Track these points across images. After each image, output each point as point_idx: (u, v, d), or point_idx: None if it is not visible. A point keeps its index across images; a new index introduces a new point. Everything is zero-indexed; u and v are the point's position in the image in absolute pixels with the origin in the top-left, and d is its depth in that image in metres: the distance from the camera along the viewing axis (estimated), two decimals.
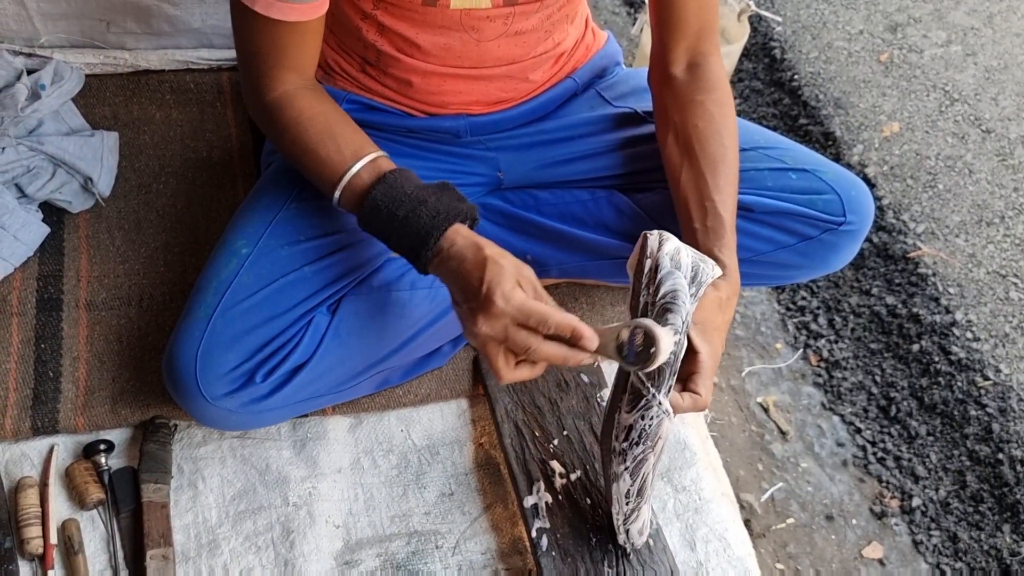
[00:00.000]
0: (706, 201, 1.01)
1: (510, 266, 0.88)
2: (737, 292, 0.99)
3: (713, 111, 1.06)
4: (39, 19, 1.40)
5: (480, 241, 0.91)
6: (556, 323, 0.85)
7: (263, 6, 0.93)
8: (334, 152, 0.97)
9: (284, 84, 1.01)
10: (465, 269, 0.89)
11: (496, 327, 0.86)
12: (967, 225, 2.06)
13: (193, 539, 1.04)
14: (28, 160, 1.25)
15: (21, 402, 1.10)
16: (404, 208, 0.92)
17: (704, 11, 1.07)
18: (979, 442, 1.70)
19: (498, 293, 0.85)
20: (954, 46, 2.50)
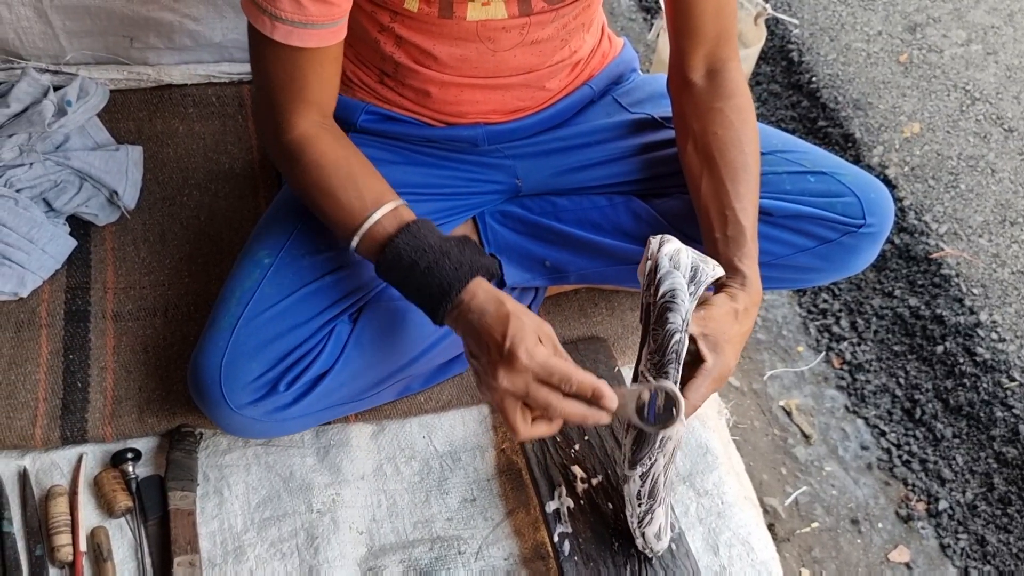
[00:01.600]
0: (726, 210, 1.01)
1: (532, 322, 0.87)
2: (758, 303, 0.98)
3: (732, 118, 1.05)
4: (64, 37, 1.42)
5: (502, 296, 0.90)
6: (578, 382, 0.85)
7: (282, 34, 0.93)
8: (355, 198, 0.97)
9: (304, 122, 1.00)
10: (486, 323, 0.88)
11: (517, 383, 0.85)
12: (990, 225, 2.04)
13: (219, 546, 1.06)
14: (55, 175, 1.27)
15: (51, 412, 1.12)
16: (427, 259, 0.92)
17: (721, 17, 1.07)
18: (1006, 444, 1.68)
19: (522, 348, 0.84)
20: (974, 45, 2.48)
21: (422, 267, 0.92)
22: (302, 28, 0.92)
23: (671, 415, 0.87)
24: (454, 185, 1.19)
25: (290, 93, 0.98)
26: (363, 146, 1.15)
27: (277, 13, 0.91)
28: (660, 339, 0.93)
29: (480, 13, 1.01)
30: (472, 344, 0.90)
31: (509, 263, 1.21)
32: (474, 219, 1.23)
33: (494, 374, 0.86)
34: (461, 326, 0.91)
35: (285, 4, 0.90)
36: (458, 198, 1.19)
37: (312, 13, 0.91)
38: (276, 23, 0.92)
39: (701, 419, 1.22)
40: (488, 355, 0.87)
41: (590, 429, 1.15)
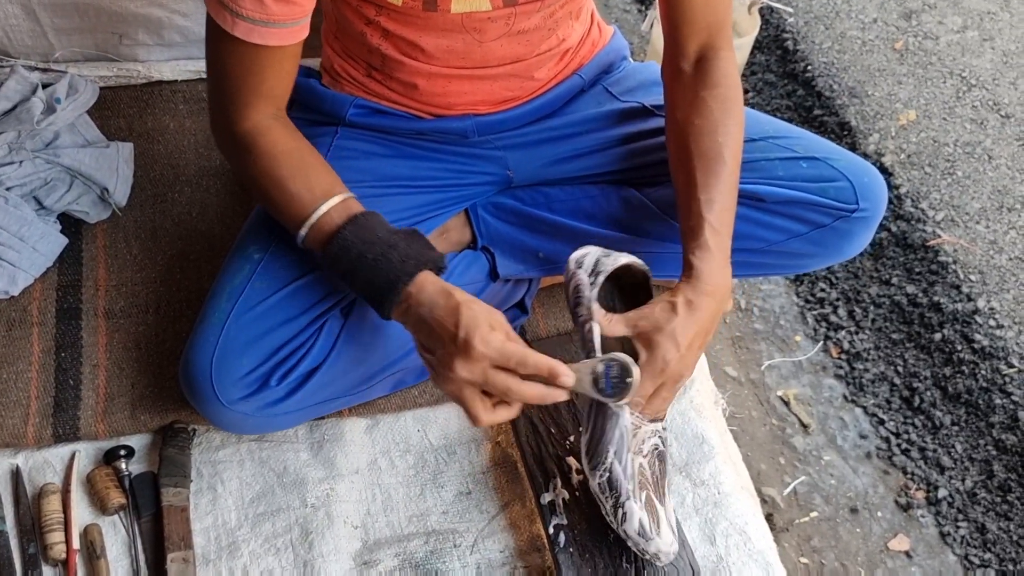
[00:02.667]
0: (692, 200, 1.00)
1: (483, 311, 0.88)
2: (714, 294, 0.95)
3: (713, 107, 1.03)
4: (53, 34, 1.42)
5: (450, 287, 0.91)
6: (534, 363, 0.86)
7: (243, 31, 0.92)
8: (304, 189, 0.97)
9: (257, 114, 1.00)
10: (438, 315, 0.88)
11: (475, 371, 0.86)
12: (987, 211, 2.03)
13: (213, 542, 1.06)
14: (45, 173, 1.27)
15: (43, 410, 1.12)
16: (374, 250, 0.92)
17: (713, 7, 1.05)
18: (1005, 431, 1.67)
19: (476, 337, 0.85)
20: (970, 31, 2.47)
21: (369, 259, 0.92)
22: (263, 26, 0.91)
23: (625, 383, 0.88)
24: (445, 177, 1.18)
25: (246, 87, 0.98)
26: (352, 140, 1.15)
27: (239, 10, 0.90)
28: (580, 335, 0.99)
29: (464, 5, 1.00)
30: (423, 338, 0.91)
31: (502, 255, 1.20)
32: (466, 211, 1.22)
33: (451, 365, 0.86)
34: (411, 320, 0.91)
35: (247, 2, 0.89)
36: (449, 190, 1.19)
37: (274, 12, 0.91)
38: (237, 20, 0.91)
39: (697, 409, 1.22)
40: (443, 347, 0.88)
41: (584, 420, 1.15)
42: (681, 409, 1.21)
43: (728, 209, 1.00)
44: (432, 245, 0.96)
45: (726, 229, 0.99)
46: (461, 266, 1.17)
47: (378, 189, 1.14)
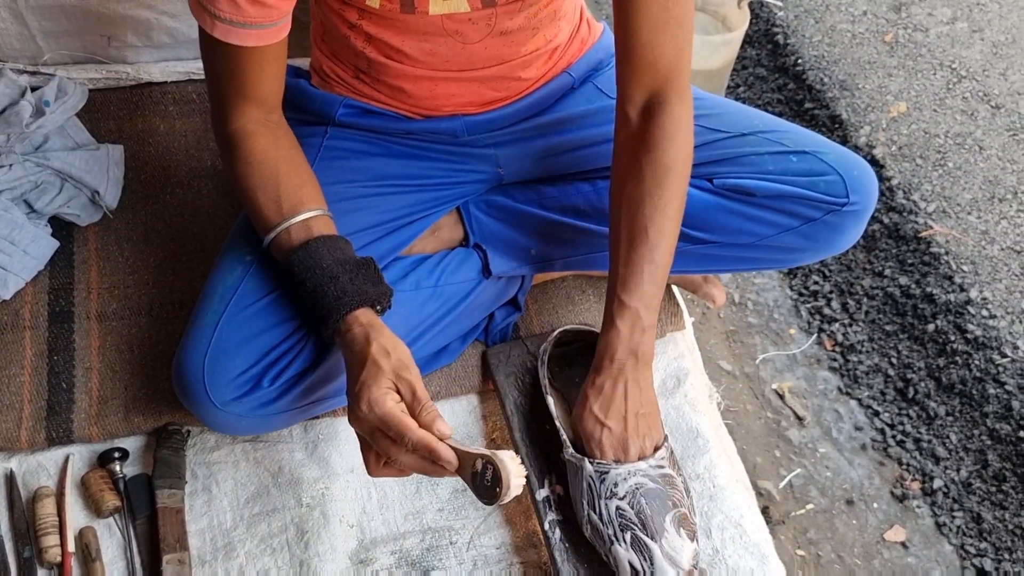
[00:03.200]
0: (612, 271, 1.01)
1: (388, 368, 0.88)
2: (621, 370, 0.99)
3: (646, 174, 0.99)
4: (41, 37, 1.41)
5: (372, 333, 0.91)
6: (414, 441, 0.84)
7: (222, 32, 0.93)
8: (271, 202, 0.99)
9: (244, 116, 1.01)
10: (349, 360, 0.91)
11: (363, 428, 0.88)
12: (979, 202, 2.04)
13: (209, 543, 1.05)
14: (35, 176, 1.26)
15: (36, 413, 1.12)
16: (313, 281, 0.94)
17: (661, 46, 0.98)
18: (999, 420, 1.68)
19: (364, 398, 0.86)
20: (960, 23, 2.47)
21: (308, 289, 0.94)
22: (240, 28, 0.93)
23: (495, 492, 0.83)
24: (436, 176, 1.18)
25: (230, 88, 1.00)
26: (343, 139, 1.15)
27: (216, 12, 0.92)
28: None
29: (442, 7, 1.00)
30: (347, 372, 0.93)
31: (495, 252, 1.20)
32: (458, 209, 1.22)
33: (351, 411, 0.89)
34: (342, 352, 0.94)
35: (223, 4, 0.91)
36: (441, 189, 1.19)
37: (250, 14, 0.92)
38: (216, 21, 0.93)
39: (692, 403, 1.22)
40: (350, 390, 0.90)
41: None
42: (676, 404, 1.21)
43: (644, 283, 0.99)
44: (381, 279, 0.98)
45: (641, 302, 0.99)
46: (453, 264, 1.17)
47: (370, 188, 1.14)
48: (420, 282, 1.14)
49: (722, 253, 1.16)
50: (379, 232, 1.11)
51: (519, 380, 1.19)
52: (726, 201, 1.11)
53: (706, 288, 1.36)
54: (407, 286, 1.12)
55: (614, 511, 0.97)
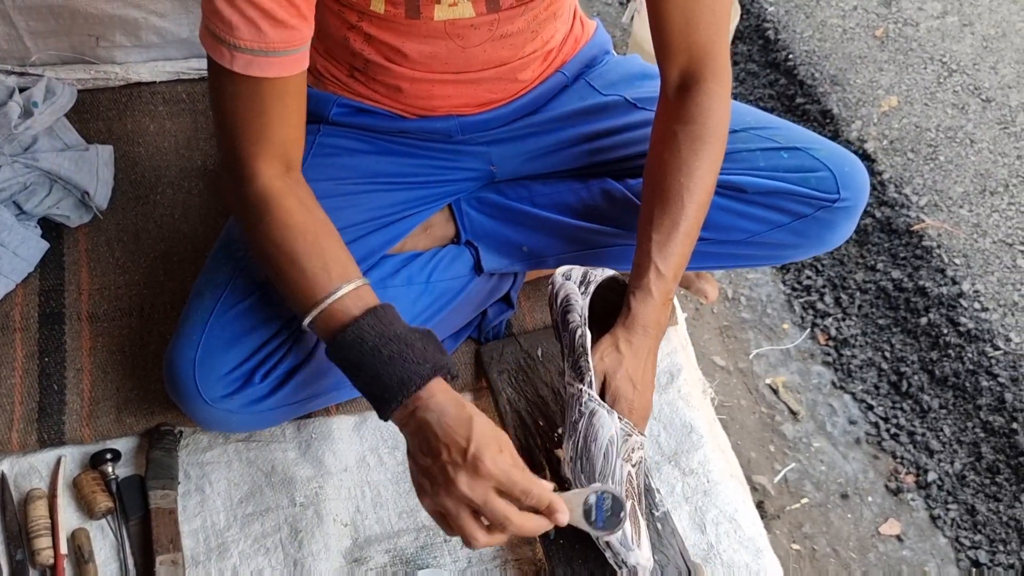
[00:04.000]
0: (644, 238, 1.00)
1: (493, 429, 0.84)
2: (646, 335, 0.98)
3: (682, 144, 1.00)
4: (29, 37, 1.41)
5: (461, 398, 0.86)
6: (538, 496, 0.82)
7: (242, 64, 0.86)
8: (320, 269, 0.90)
9: (269, 170, 0.93)
10: (447, 424, 0.83)
11: (477, 491, 0.81)
12: (970, 195, 2.04)
13: (202, 543, 1.05)
14: (24, 177, 1.26)
15: (27, 415, 1.11)
16: (390, 348, 0.86)
17: (694, 31, 1.00)
18: (992, 413, 1.68)
19: (487, 454, 0.80)
20: (950, 17, 2.48)
21: (384, 356, 0.86)
22: (263, 56, 0.86)
23: (618, 518, 0.89)
24: (428, 173, 1.18)
25: (252, 132, 0.91)
26: (335, 137, 1.15)
27: (236, 42, 0.85)
28: (569, 340, 1.00)
29: (447, 13, 1.00)
30: (423, 445, 0.85)
31: (487, 249, 1.20)
32: (450, 206, 1.22)
33: (453, 479, 0.81)
34: (413, 424, 0.85)
35: (244, 32, 0.85)
36: (433, 186, 1.18)
37: (272, 39, 0.86)
38: (235, 53, 0.86)
39: (685, 398, 1.22)
40: (448, 458, 0.82)
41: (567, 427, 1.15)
42: (669, 399, 1.21)
43: (677, 253, 0.99)
44: (444, 349, 0.91)
45: (672, 272, 0.99)
46: (445, 261, 1.17)
47: (361, 185, 1.13)
48: (412, 278, 1.14)
49: (714, 250, 1.16)
50: (370, 227, 1.11)
51: (512, 377, 1.19)
52: (717, 198, 1.11)
53: (699, 284, 1.36)
54: (398, 282, 1.12)
55: (625, 475, 0.96)
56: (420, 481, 0.86)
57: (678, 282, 1.01)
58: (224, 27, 0.85)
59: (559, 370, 1.20)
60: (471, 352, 1.23)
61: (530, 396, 1.16)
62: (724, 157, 1.12)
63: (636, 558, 0.94)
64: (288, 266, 0.91)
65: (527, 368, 1.20)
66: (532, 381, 1.18)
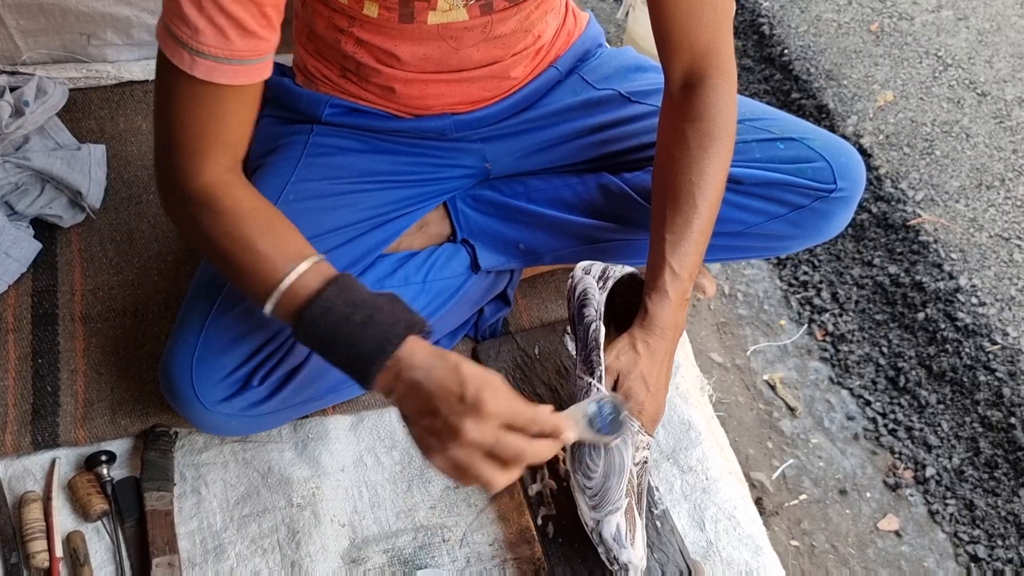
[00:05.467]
0: (658, 238, 0.99)
1: (483, 369, 0.82)
2: (663, 338, 0.98)
3: (691, 142, 1.00)
4: (19, 36, 1.40)
5: (442, 350, 0.83)
6: (542, 422, 0.80)
7: (204, 70, 0.82)
8: (275, 249, 0.87)
9: (215, 166, 0.89)
10: (436, 376, 0.80)
11: (486, 431, 0.78)
12: (967, 190, 2.04)
13: (199, 545, 1.04)
14: (16, 177, 1.25)
15: (21, 417, 1.10)
16: (360, 312, 0.83)
17: (697, 27, 0.99)
18: (990, 407, 1.68)
19: (487, 392, 0.78)
20: (945, 11, 2.47)
21: (356, 321, 0.83)
22: (226, 64, 0.83)
23: (620, 421, 0.89)
24: (423, 171, 1.17)
25: (205, 135, 0.88)
26: (329, 136, 1.14)
27: (199, 48, 0.81)
28: (583, 334, 1.00)
29: (441, 17, 0.99)
30: (419, 403, 0.82)
31: (483, 247, 1.20)
32: (445, 204, 1.21)
33: (459, 428, 0.78)
34: (401, 386, 0.83)
35: (209, 38, 0.81)
36: (428, 184, 1.18)
37: (239, 48, 0.83)
38: (197, 58, 0.82)
39: (683, 395, 1.22)
40: (449, 409, 0.79)
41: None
42: (667, 396, 1.20)
43: (691, 252, 0.99)
44: (413, 310, 0.88)
45: (687, 271, 0.98)
46: (441, 259, 1.16)
47: (356, 184, 1.13)
48: (408, 278, 1.13)
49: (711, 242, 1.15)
50: (365, 227, 1.10)
51: (510, 376, 1.18)
52: None
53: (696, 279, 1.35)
54: (395, 282, 1.12)
55: (628, 467, 0.96)
56: (427, 441, 0.82)
57: (694, 282, 1.00)
58: (188, 31, 0.81)
59: (556, 368, 1.19)
60: (468, 351, 1.22)
61: (528, 394, 1.16)
62: None
63: (628, 556, 0.93)
64: (241, 252, 0.88)
65: (524, 366, 1.19)
66: (529, 379, 1.18)
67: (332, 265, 0.89)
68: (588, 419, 0.89)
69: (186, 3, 0.80)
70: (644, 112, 1.16)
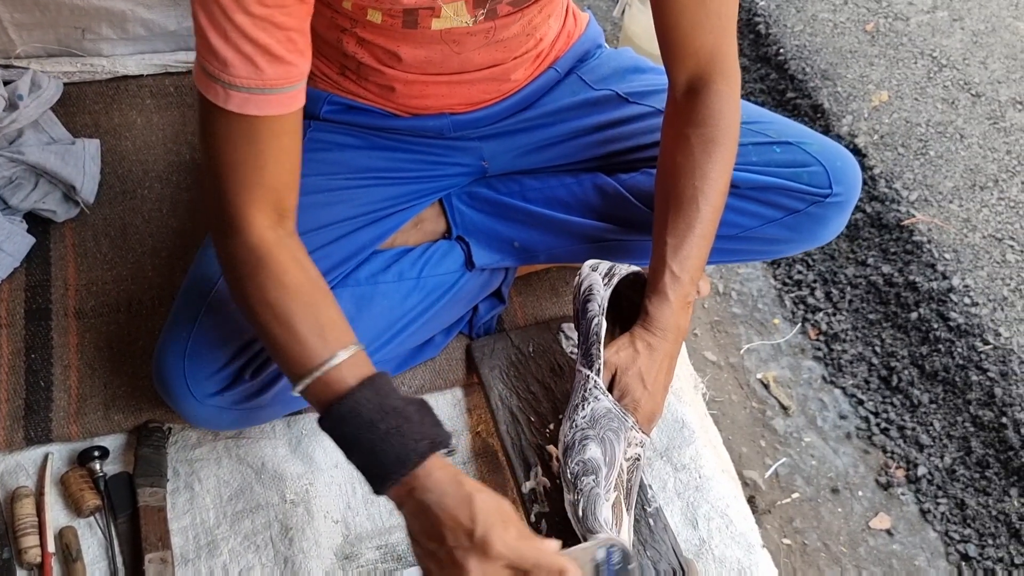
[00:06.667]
0: (660, 241, 1.00)
1: (495, 503, 0.80)
2: (664, 339, 0.98)
3: (695, 147, 1.00)
4: (13, 30, 1.39)
5: (460, 474, 0.82)
6: (547, 567, 0.78)
7: (237, 104, 0.81)
8: (315, 334, 0.84)
9: (264, 219, 0.87)
10: (448, 505, 0.79)
11: (489, 572, 0.77)
12: (960, 190, 2.05)
13: (192, 541, 1.04)
14: (10, 171, 1.24)
15: (13, 413, 1.10)
16: (388, 422, 0.81)
17: (702, 33, 0.99)
18: (982, 407, 1.69)
19: (495, 534, 0.77)
20: (940, 11, 2.48)
21: (382, 430, 0.81)
22: (259, 94, 0.82)
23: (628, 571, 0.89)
24: (420, 169, 1.17)
25: (246, 176, 0.85)
26: (326, 132, 1.14)
27: (231, 80, 0.81)
28: (584, 328, 1.00)
29: (446, 23, 0.99)
30: (426, 529, 0.81)
31: (478, 244, 1.20)
32: (441, 201, 1.21)
33: (463, 563, 0.77)
34: (412, 505, 0.81)
35: (239, 69, 0.80)
36: (424, 181, 1.18)
37: (269, 76, 0.81)
38: (230, 91, 0.81)
39: (677, 394, 1.22)
40: (456, 542, 0.78)
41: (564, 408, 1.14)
42: None
43: (693, 256, 0.99)
44: (439, 421, 0.86)
45: (688, 275, 0.99)
46: (436, 256, 1.16)
47: (351, 180, 1.12)
48: (403, 274, 1.13)
49: None
50: (360, 223, 1.10)
51: (504, 373, 1.18)
52: None
53: None
54: (389, 278, 1.11)
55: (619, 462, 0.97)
56: (427, 565, 0.82)
57: (696, 285, 1.00)
58: (218, 64, 0.80)
59: (550, 366, 1.19)
60: (462, 347, 1.22)
61: (521, 392, 1.16)
62: None
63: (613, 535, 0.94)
64: (280, 328, 0.85)
65: (518, 364, 1.19)
66: (524, 377, 1.18)
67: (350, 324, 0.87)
68: (595, 564, 0.88)
69: (212, 35, 0.79)
70: (641, 113, 1.16)
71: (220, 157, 0.85)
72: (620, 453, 0.95)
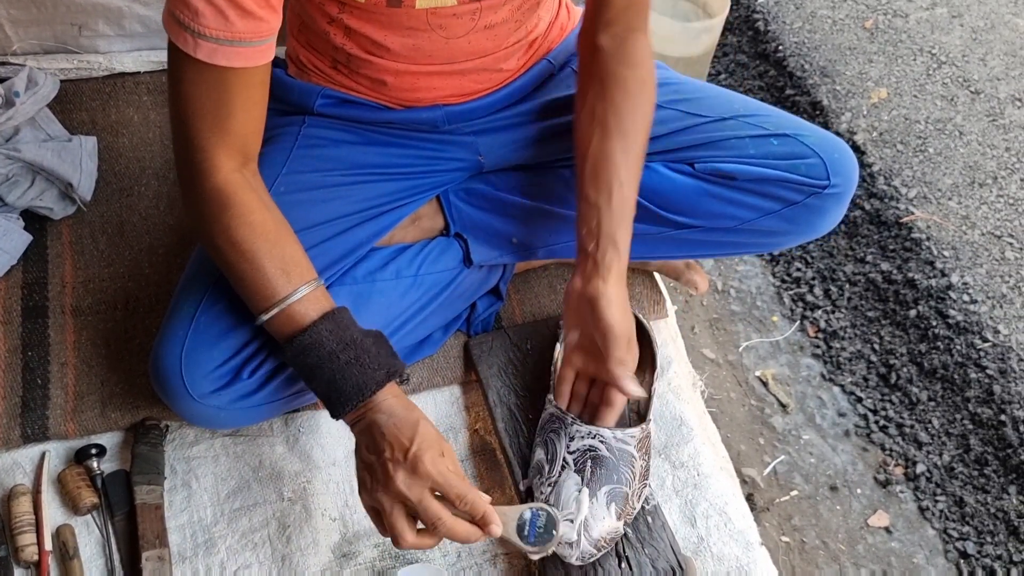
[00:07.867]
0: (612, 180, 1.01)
1: (438, 436, 0.88)
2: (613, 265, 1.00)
3: (632, 88, 1.04)
4: (10, 27, 1.39)
5: (411, 403, 0.91)
6: (471, 503, 0.85)
7: (206, 53, 0.84)
8: (279, 269, 0.91)
9: (229, 162, 0.91)
10: (394, 423, 0.87)
11: (414, 489, 0.84)
12: (959, 187, 2.05)
13: (189, 539, 1.04)
14: (6, 169, 1.24)
15: (10, 410, 1.10)
16: (348, 353, 0.89)
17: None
18: (981, 405, 1.69)
19: (427, 455, 0.84)
20: (939, 8, 2.48)
21: (342, 361, 0.89)
22: (228, 46, 0.84)
23: (550, 536, 0.91)
24: (416, 164, 1.17)
25: (212, 123, 0.89)
26: (321, 128, 1.14)
27: (201, 30, 0.83)
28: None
29: (430, 2, 0.98)
30: (369, 443, 0.89)
31: (476, 241, 1.19)
32: (438, 198, 1.21)
33: (392, 476, 0.85)
34: (362, 424, 0.90)
35: (209, 20, 0.82)
36: (421, 177, 1.17)
37: (239, 29, 0.84)
38: (199, 40, 0.83)
39: (675, 391, 1.22)
40: (391, 455, 0.86)
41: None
42: (660, 392, 1.20)
43: (634, 187, 1.02)
44: (395, 353, 0.94)
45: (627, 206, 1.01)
46: (434, 253, 1.16)
47: (348, 176, 1.12)
48: (400, 271, 1.13)
49: (704, 238, 1.15)
50: (357, 220, 1.10)
51: (502, 370, 1.18)
52: (708, 185, 1.11)
53: (688, 275, 1.35)
54: (387, 275, 1.11)
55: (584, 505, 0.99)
56: (362, 475, 0.89)
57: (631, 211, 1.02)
58: (189, 13, 0.83)
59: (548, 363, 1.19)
60: (460, 345, 1.22)
61: (519, 390, 1.16)
62: (714, 145, 1.12)
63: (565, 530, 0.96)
64: (247, 264, 0.91)
65: (516, 361, 1.19)
66: (521, 374, 1.18)
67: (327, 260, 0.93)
68: (518, 524, 0.91)
69: None
70: None
71: (188, 103, 0.88)
72: (563, 448, 1.01)
